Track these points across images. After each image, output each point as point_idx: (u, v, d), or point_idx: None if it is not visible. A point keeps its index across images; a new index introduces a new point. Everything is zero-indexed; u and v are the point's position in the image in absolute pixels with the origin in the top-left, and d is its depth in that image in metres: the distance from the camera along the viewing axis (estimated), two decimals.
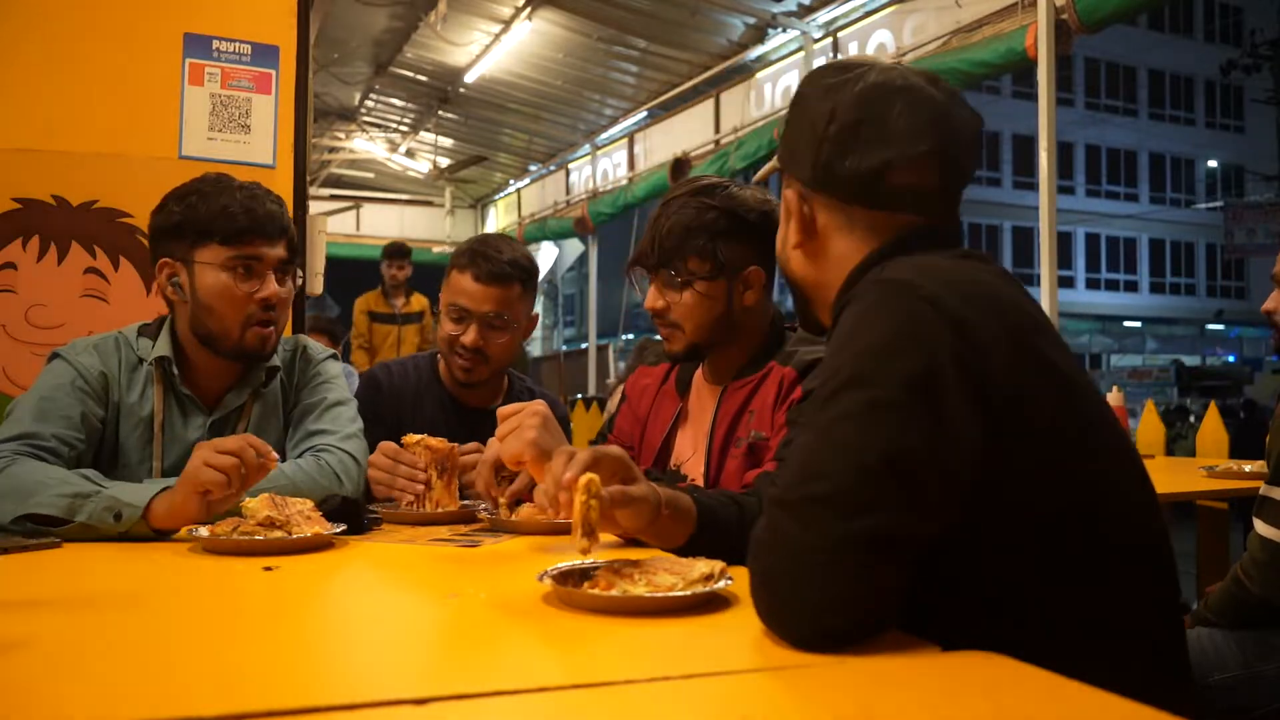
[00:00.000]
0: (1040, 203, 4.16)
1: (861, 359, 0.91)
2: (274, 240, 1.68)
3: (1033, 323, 1.00)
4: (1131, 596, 0.98)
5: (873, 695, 0.76)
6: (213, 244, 1.65)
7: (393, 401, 2.15)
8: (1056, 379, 0.98)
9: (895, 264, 1.01)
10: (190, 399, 1.72)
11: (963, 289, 0.96)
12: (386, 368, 2.24)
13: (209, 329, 1.68)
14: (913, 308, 0.92)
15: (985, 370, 0.92)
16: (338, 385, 1.84)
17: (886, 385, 0.89)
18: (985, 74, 4.75)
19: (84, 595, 1.15)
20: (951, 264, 1.02)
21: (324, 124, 9.92)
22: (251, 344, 1.68)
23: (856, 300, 0.98)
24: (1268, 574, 1.69)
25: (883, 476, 0.86)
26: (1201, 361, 22.85)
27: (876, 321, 0.93)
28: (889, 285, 0.96)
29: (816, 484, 0.87)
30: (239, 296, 1.66)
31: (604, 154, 9.00)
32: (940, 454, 0.88)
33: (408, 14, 7.30)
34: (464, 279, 2.06)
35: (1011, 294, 1.01)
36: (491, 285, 2.04)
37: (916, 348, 0.90)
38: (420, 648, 0.95)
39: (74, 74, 2.40)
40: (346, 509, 1.60)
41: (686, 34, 6.70)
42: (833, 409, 0.91)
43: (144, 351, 1.72)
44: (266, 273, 1.67)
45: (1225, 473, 2.79)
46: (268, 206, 1.68)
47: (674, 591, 0.98)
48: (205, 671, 0.82)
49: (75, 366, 1.67)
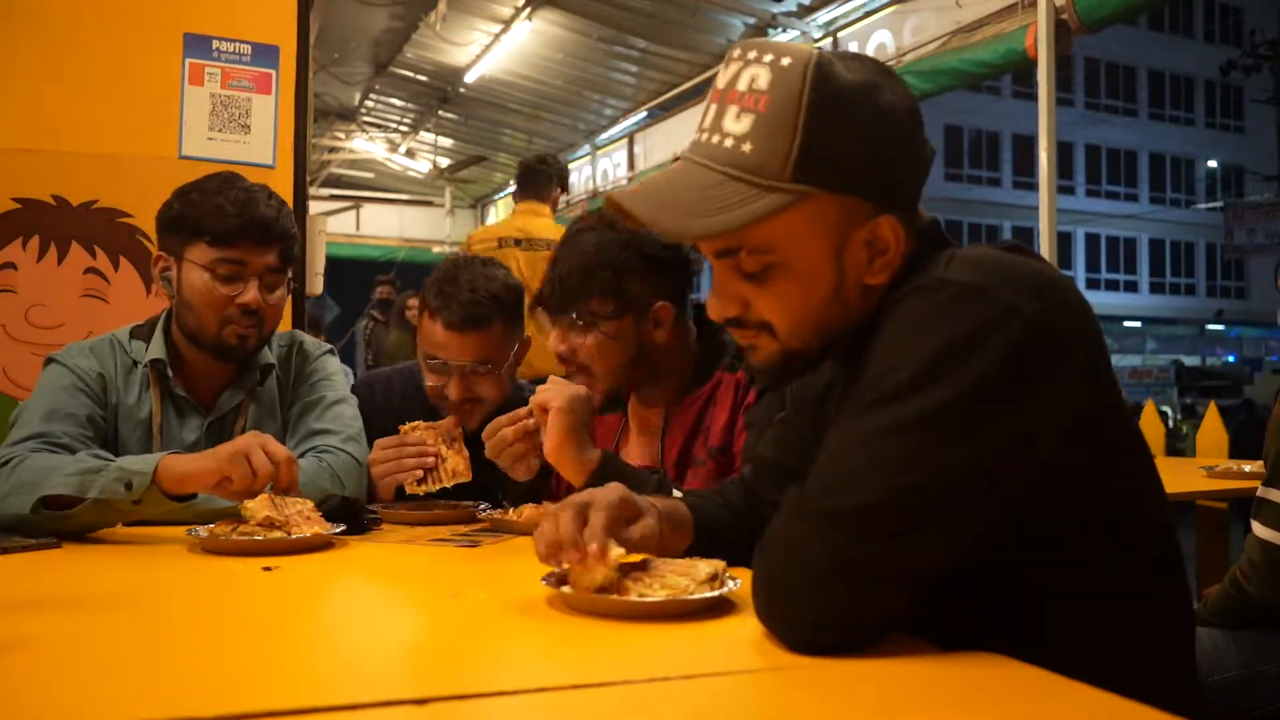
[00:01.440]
0: (1040, 203, 4.16)
1: (917, 366, 0.83)
2: (263, 246, 1.65)
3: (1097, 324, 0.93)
4: (1149, 598, 0.96)
5: (873, 695, 0.76)
6: (202, 243, 1.64)
7: (378, 420, 1.90)
8: (1113, 385, 0.95)
9: (960, 259, 0.90)
10: (186, 401, 1.72)
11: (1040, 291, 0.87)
12: (369, 385, 2.09)
13: (189, 325, 1.68)
14: (979, 314, 0.84)
15: (1059, 388, 0.85)
16: (337, 382, 1.82)
17: (941, 399, 0.82)
18: (985, 74, 4.75)
19: (84, 595, 1.15)
20: (1017, 259, 0.92)
21: (324, 124, 9.92)
22: (229, 342, 1.67)
23: (919, 296, 0.87)
24: (1265, 576, 1.69)
25: (913, 501, 0.82)
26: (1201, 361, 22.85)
27: (940, 325, 0.84)
28: (958, 287, 0.86)
29: (842, 497, 0.83)
30: (218, 299, 1.64)
31: (604, 154, 8.99)
32: (985, 482, 0.83)
33: (408, 14, 7.29)
34: (435, 328, 1.82)
35: (1078, 292, 0.93)
36: (467, 332, 1.80)
37: (980, 359, 0.82)
38: (420, 648, 0.95)
39: (74, 74, 2.39)
40: (346, 509, 1.60)
41: (686, 34, 6.69)
42: (874, 418, 0.84)
43: (137, 354, 1.72)
44: (251, 278, 1.65)
45: (1225, 473, 2.79)
46: (262, 210, 1.65)
47: (686, 595, 0.97)
48: (205, 671, 0.82)
49: (73, 370, 1.66)
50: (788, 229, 0.94)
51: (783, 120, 0.91)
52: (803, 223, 0.94)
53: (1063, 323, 0.87)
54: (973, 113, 23.42)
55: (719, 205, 0.92)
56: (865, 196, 0.95)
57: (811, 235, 0.95)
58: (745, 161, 0.93)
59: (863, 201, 0.95)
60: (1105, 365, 0.93)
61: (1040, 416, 0.85)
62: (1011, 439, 0.84)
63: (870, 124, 0.94)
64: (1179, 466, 3.43)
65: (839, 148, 0.93)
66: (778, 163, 0.91)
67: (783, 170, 0.91)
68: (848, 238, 0.96)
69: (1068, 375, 0.86)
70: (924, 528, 0.83)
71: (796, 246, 0.95)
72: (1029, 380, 0.84)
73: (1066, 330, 0.87)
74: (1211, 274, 29.87)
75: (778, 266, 0.96)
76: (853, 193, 0.94)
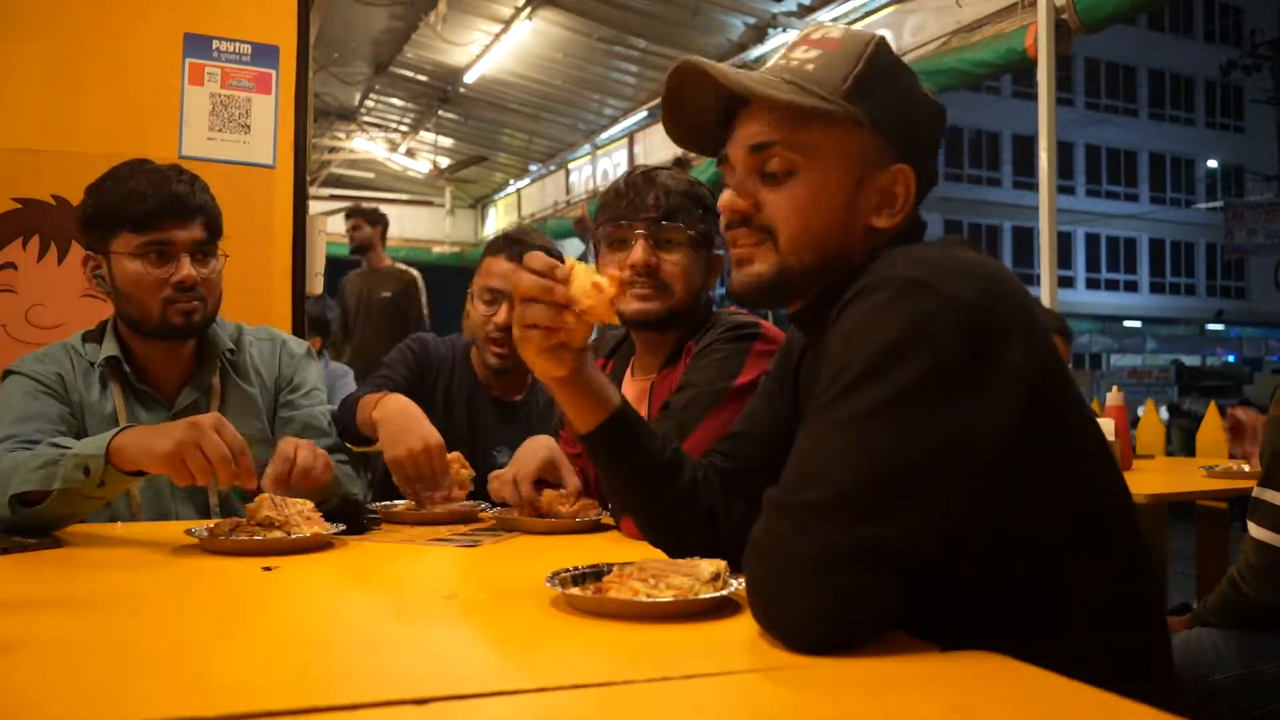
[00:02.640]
0: (1040, 203, 4.16)
1: (873, 358, 0.87)
2: (186, 221, 1.64)
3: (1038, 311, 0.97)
4: (1126, 595, 0.98)
5: (872, 695, 0.76)
6: (124, 232, 1.63)
7: (432, 368, 2.22)
8: (1064, 371, 0.97)
9: (903, 257, 0.94)
10: (148, 395, 1.72)
11: (980, 280, 0.91)
12: (431, 340, 2.29)
13: (132, 316, 1.68)
14: (924, 305, 0.87)
15: (1008, 365, 0.88)
16: (321, 389, 1.88)
17: (898, 384, 0.85)
18: (985, 74, 4.75)
19: (84, 595, 1.15)
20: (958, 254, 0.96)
21: (324, 124, 9.93)
22: (175, 321, 1.66)
23: (867, 294, 0.92)
24: (1262, 577, 1.69)
25: (885, 484, 0.84)
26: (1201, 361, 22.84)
27: (890, 319, 0.88)
28: (903, 282, 0.90)
29: (816, 489, 0.85)
30: (153, 282, 1.64)
31: (604, 154, 8.99)
32: (950, 459, 0.86)
33: (408, 14, 7.29)
34: (497, 262, 2.10)
35: (1018, 282, 0.96)
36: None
37: (930, 346, 0.86)
38: (420, 648, 0.95)
39: (74, 74, 2.40)
40: (346, 509, 1.60)
41: (686, 34, 6.69)
42: (837, 410, 0.88)
43: (91, 355, 1.71)
44: (180, 255, 1.64)
45: (1225, 473, 2.79)
46: (174, 188, 1.64)
47: (692, 595, 0.97)
48: (205, 671, 0.82)
49: (30, 376, 1.66)
50: (822, 142, 1.03)
51: (847, 55, 1.04)
52: (837, 143, 1.03)
53: (1004, 308, 0.91)
54: (973, 112, 23.41)
55: (776, 88, 1.02)
56: (894, 145, 1.04)
57: (840, 157, 1.04)
58: (808, 74, 1.04)
59: (891, 148, 1.04)
60: (1053, 351, 0.96)
61: (991, 397, 0.88)
62: (970, 415, 0.87)
63: (912, 93, 1.07)
64: (1179, 466, 3.44)
65: (887, 92, 1.04)
66: (836, 81, 1.03)
67: (838, 89, 1.02)
68: (869, 177, 1.04)
69: (1016, 353, 0.89)
70: (897, 510, 0.84)
71: (823, 161, 1.03)
72: (976, 363, 0.87)
73: (1009, 314, 0.91)
74: (1211, 274, 29.86)
75: (801, 174, 1.04)
76: (887, 135, 1.04)
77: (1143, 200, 28.02)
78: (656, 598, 0.96)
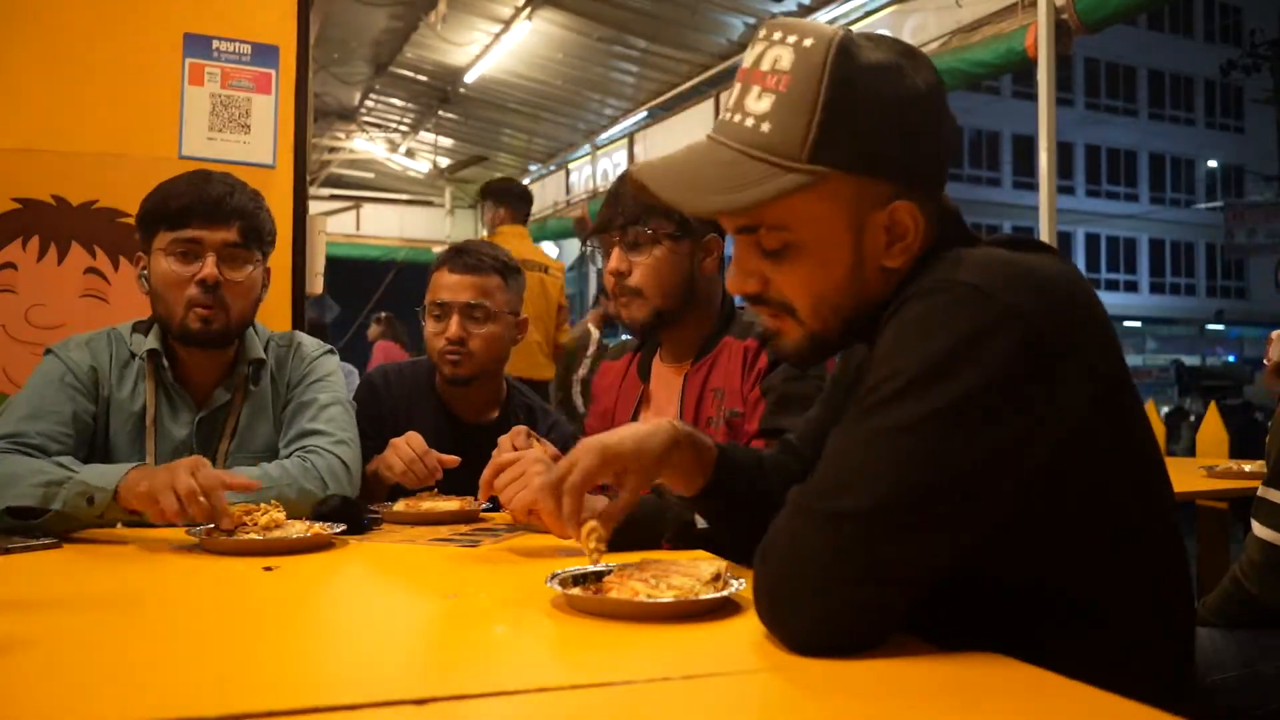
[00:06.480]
0: (1040, 203, 4.16)
1: (921, 367, 0.83)
2: (217, 223, 1.65)
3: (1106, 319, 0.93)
4: (1151, 599, 0.95)
5: (873, 695, 0.76)
6: (161, 230, 1.66)
7: (389, 407, 2.10)
8: (1127, 380, 0.94)
9: (969, 259, 0.89)
10: (180, 394, 1.72)
11: (1044, 289, 0.87)
12: (384, 373, 2.19)
13: (160, 315, 1.70)
14: (981, 316, 0.83)
15: (1063, 384, 0.85)
16: (332, 384, 1.82)
17: (943, 401, 0.82)
18: (985, 74, 4.75)
19: (84, 595, 1.15)
20: (1026, 258, 0.91)
21: (324, 124, 9.91)
22: (191, 326, 1.66)
23: (925, 297, 0.87)
24: (1265, 576, 1.69)
25: (914, 505, 0.81)
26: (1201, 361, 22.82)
27: (944, 327, 0.84)
28: (962, 290, 0.85)
29: (843, 499, 0.83)
30: (178, 279, 1.65)
31: (604, 154, 8.98)
32: (988, 481, 0.83)
33: (408, 14, 7.29)
34: (441, 275, 2.07)
35: (1086, 288, 0.93)
36: (467, 274, 2.04)
37: (982, 362, 0.82)
38: (420, 648, 0.95)
39: (74, 74, 2.39)
40: (346, 509, 1.60)
41: (686, 34, 6.69)
42: (878, 418, 0.84)
43: (136, 346, 1.73)
44: (207, 255, 1.65)
45: (1225, 473, 2.79)
46: (213, 190, 1.66)
47: (693, 596, 0.97)
48: (205, 671, 0.82)
49: (65, 362, 1.68)
50: (805, 208, 0.95)
51: (801, 101, 0.92)
52: (820, 203, 0.94)
53: (1066, 321, 0.87)
54: (973, 112, 23.41)
55: (736, 183, 0.93)
56: (885, 178, 0.95)
57: (829, 215, 0.95)
58: (764, 141, 0.93)
59: (882, 183, 0.95)
60: (1114, 361, 0.93)
61: (1041, 418, 0.85)
62: (1011, 440, 0.84)
63: (890, 106, 0.93)
64: (1179, 466, 3.43)
65: (857, 129, 0.92)
66: (795, 143, 0.92)
67: (800, 150, 0.92)
68: (866, 220, 0.96)
69: (1071, 375, 0.86)
70: (923, 530, 0.82)
71: (814, 226, 0.96)
72: (1030, 382, 0.84)
73: (1070, 328, 0.87)
74: (1211, 274, 29.87)
75: (795, 245, 0.97)
76: (871, 174, 0.94)
77: (1142, 200, 28.02)
78: (657, 598, 0.96)
